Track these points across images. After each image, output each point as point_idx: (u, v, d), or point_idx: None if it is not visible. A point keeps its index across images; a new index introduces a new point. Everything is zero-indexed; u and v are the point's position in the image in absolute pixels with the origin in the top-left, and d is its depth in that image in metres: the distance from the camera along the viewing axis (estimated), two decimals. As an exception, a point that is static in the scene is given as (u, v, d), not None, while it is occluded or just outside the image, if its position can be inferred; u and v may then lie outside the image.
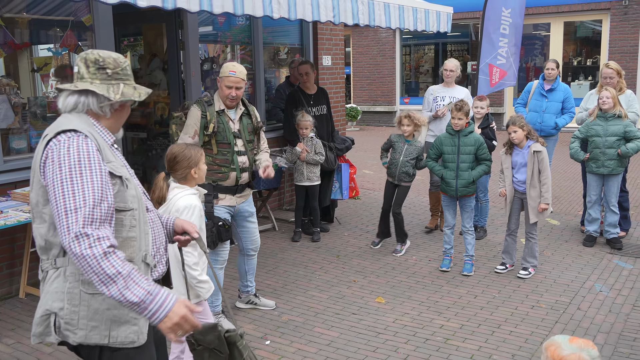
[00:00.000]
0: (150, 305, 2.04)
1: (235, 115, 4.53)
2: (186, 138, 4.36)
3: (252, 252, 4.80)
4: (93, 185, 2.08)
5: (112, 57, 2.32)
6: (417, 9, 6.13)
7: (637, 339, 4.34)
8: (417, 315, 4.80)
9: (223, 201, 4.49)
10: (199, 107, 4.41)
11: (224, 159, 4.45)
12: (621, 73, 6.61)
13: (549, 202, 5.44)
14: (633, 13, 14.49)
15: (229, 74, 4.36)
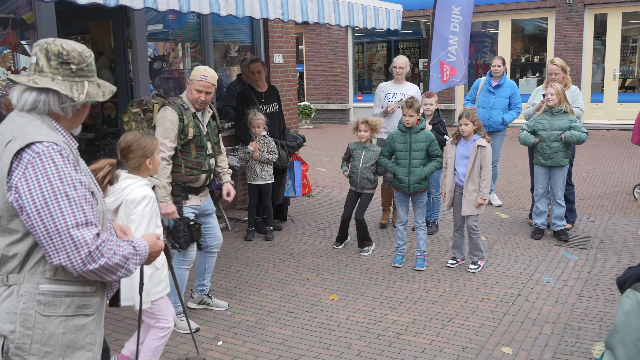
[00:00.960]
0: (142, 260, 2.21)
1: (204, 118, 4.54)
2: (167, 143, 4.30)
3: (215, 248, 4.81)
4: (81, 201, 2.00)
5: (77, 50, 2.13)
6: (367, 7, 6.16)
7: (582, 328, 4.46)
8: (370, 311, 4.83)
9: (189, 201, 4.51)
10: (175, 111, 4.35)
11: (196, 162, 4.47)
12: (566, 69, 6.79)
13: (486, 198, 5.56)
14: (577, 11, 14.91)
15: (200, 78, 4.34)
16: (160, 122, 4.36)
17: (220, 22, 7.65)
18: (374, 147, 6.15)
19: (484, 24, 16.75)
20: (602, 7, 14.88)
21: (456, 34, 7.71)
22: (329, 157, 12.22)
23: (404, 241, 5.87)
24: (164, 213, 4.30)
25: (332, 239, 6.68)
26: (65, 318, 2.08)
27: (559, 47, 15.19)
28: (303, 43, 18.78)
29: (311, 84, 18.86)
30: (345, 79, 18.30)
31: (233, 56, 8.37)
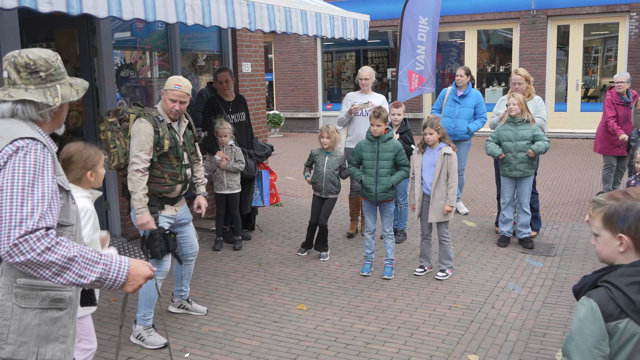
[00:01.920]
0: (110, 275, 2.16)
1: (179, 128, 4.53)
2: (143, 155, 4.29)
3: (192, 257, 4.85)
4: (43, 197, 2.06)
5: (43, 57, 2.24)
6: (334, 17, 6.20)
7: (547, 335, 4.53)
8: (338, 320, 4.83)
9: (164, 211, 4.50)
10: (150, 123, 4.33)
11: (172, 173, 4.47)
12: (529, 79, 6.92)
13: (454, 205, 5.63)
14: (540, 22, 15.23)
15: (174, 87, 4.34)
16: (135, 134, 4.33)
17: (189, 30, 7.62)
18: (336, 152, 6.20)
19: (451, 34, 16.99)
20: (564, 18, 15.23)
21: (423, 44, 7.81)
22: (298, 166, 12.21)
23: (372, 250, 5.90)
24: (139, 224, 4.31)
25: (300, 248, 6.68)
26: (40, 310, 2.19)
27: (523, 57, 15.49)
28: (272, 52, 18.80)
29: (280, 93, 18.87)
30: (314, 87, 18.35)
31: (201, 65, 8.33)
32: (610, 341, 1.98)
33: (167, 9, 4.16)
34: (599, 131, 8.13)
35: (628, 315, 1.97)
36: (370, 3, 16.39)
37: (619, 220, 2.03)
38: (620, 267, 2.04)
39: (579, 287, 2.12)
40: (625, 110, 7.79)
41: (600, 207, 2.09)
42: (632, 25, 14.41)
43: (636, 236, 2.03)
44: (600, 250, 2.12)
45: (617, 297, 1.98)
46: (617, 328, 1.97)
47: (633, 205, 2.03)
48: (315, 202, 6.33)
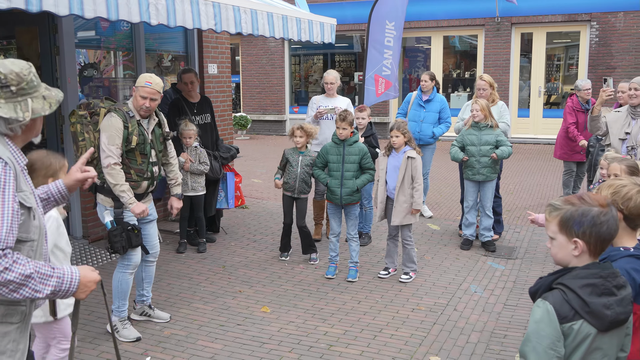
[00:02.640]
0: (63, 287, 2.22)
1: (149, 126, 4.53)
2: (114, 149, 4.30)
3: (152, 258, 4.80)
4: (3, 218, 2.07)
5: (15, 71, 2.20)
6: (301, 20, 6.20)
7: (507, 336, 4.60)
8: (302, 323, 4.82)
9: None
10: (120, 118, 4.33)
11: (139, 169, 4.48)
12: (494, 85, 7.03)
13: (420, 208, 5.67)
14: (504, 30, 15.50)
15: (145, 84, 4.36)
16: (105, 128, 4.35)
17: (154, 30, 7.53)
18: (309, 152, 6.20)
19: (417, 40, 17.17)
20: (527, 26, 15.52)
21: (390, 48, 7.87)
22: (265, 168, 12.19)
23: (336, 253, 5.91)
24: (137, 213, 4.34)
25: (265, 250, 6.65)
26: None
27: (488, 63, 15.74)
28: (239, 53, 18.72)
29: (247, 95, 18.79)
30: (281, 90, 18.34)
31: (166, 65, 8.25)
32: (565, 342, 2.02)
33: (130, 8, 4.11)
34: (559, 137, 8.30)
35: (582, 316, 2.01)
36: (338, 7, 16.46)
37: (575, 225, 2.08)
38: (574, 270, 2.09)
39: (535, 289, 2.17)
40: (585, 116, 7.96)
41: (556, 211, 2.14)
42: (593, 34, 14.77)
43: (590, 240, 2.07)
44: (556, 254, 2.16)
45: (571, 299, 2.02)
46: (572, 329, 2.01)
47: (588, 210, 2.08)
48: (286, 201, 6.31)
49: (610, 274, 2.08)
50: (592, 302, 2.01)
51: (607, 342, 2.06)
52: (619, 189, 2.61)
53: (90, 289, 2.34)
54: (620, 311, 2.04)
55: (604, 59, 14.72)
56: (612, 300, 2.04)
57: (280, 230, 6.44)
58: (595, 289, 2.03)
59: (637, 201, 2.56)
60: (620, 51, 14.56)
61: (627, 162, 3.58)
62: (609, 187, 2.65)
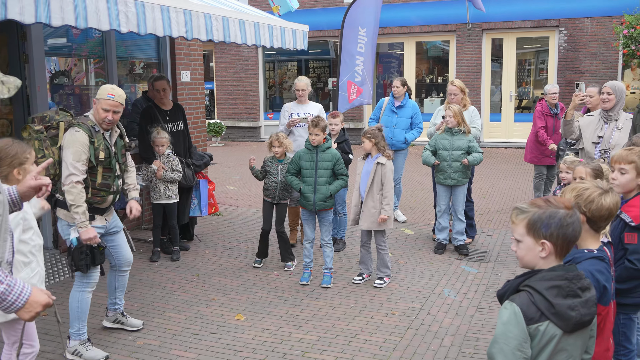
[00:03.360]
0: (10, 297, 2.20)
1: (111, 138, 4.42)
2: (80, 166, 4.15)
3: (125, 267, 4.69)
4: None
5: None
6: (273, 27, 6.21)
7: (480, 339, 4.64)
8: (277, 330, 4.82)
9: (95, 222, 4.36)
10: (85, 133, 4.19)
11: (105, 184, 4.35)
12: (465, 90, 7.11)
13: (389, 215, 5.69)
14: (475, 36, 15.70)
15: (107, 96, 4.21)
16: (70, 144, 4.16)
17: (126, 37, 7.48)
18: (289, 159, 6.22)
19: (390, 45, 17.30)
20: (498, 32, 15.75)
21: (362, 55, 7.92)
22: (239, 175, 12.15)
23: (311, 259, 5.92)
24: (85, 238, 4.16)
25: (240, 258, 6.63)
26: None
27: (460, 68, 15.92)
28: (213, 60, 18.67)
29: (222, 102, 18.74)
30: (256, 96, 18.32)
31: (138, 73, 8.19)
32: (532, 343, 2.06)
33: (99, 16, 4.07)
34: (529, 141, 8.42)
35: (548, 317, 2.05)
36: (312, 14, 16.52)
37: (542, 227, 2.12)
38: (540, 272, 2.13)
39: (503, 291, 2.20)
40: (554, 121, 8.09)
41: (523, 214, 2.18)
42: (561, 40, 15.04)
43: (557, 242, 2.12)
44: (523, 256, 2.20)
45: (537, 300, 2.06)
46: (538, 330, 2.05)
47: (555, 212, 2.12)
48: (266, 207, 6.32)
49: (575, 276, 2.12)
50: (558, 303, 2.05)
51: (572, 344, 2.10)
52: (581, 191, 2.67)
53: (36, 311, 2.28)
54: (584, 312, 2.09)
55: (573, 63, 15.00)
56: (577, 302, 2.08)
57: (255, 237, 6.43)
58: (561, 290, 2.08)
59: (600, 204, 2.62)
60: (588, 56, 14.85)
61: (592, 165, 3.65)
62: (572, 190, 2.71)
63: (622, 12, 13.58)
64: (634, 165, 3.37)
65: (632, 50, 12.50)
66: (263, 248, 6.39)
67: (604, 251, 2.66)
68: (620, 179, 3.38)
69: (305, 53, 17.36)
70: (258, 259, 6.38)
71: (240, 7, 6.31)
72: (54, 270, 6.14)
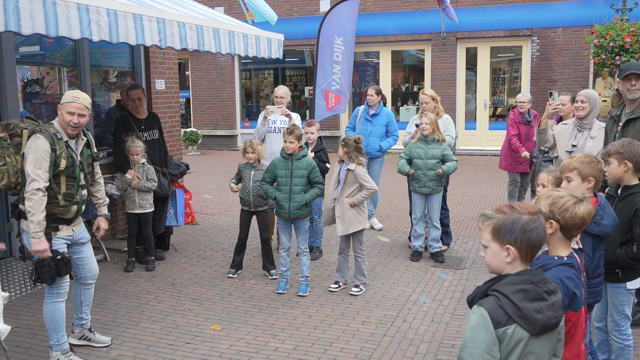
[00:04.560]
0: None
1: (77, 146, 4.32)
2: (41, 173, 4.03)
3: (91, 280, 4.58)
4: None
5: None
6: (248, 35, 6.21)
7: (455, 345, 4.67)
8: (253, 339, 4.80)
9: (60, 232, 4.28)
10: (47, 139, 4.08)
11: (68, 194, 4.24)
12: (437, 99, 7.16)
13: (357, 202, 5.69)
14: (450, 44, 15.87)
15: (72, 99, 4.15)
16: (32, 150, 4.06)
17: (99, 46, 7.43)
18: (262, 165, 6.21)
19: (367, 54, 17.41)
20: (472, 41, 15.94)
21: (339, 63, 7.96)
22: (216, 184, 12.10)
23: (287, 267, 5.91)
24: (34, 250, 4.04)
25: (216, 267, 6.60)
26: None
27: (435, 77, 16.07)
28: (189, 68, 18.60)
29: (198, 110, 18.66)
30: (232, 105, 18.28)
31: (112, 81, 8.14)
32: (500, 347, 2.09)
33: (70, 24, 4.03)
34: (503, 149, 8.52)
35: (515, 321, 2.08)
36: (288, 22, 16.56)
37: (507, 233, 2.16)
38: (507, 277, 2.16)
39: (472, 296, 2.23)
40: (526, 128, 8.21)
41: (488, 220, 2.21)
42: (534, 49, 15.28)
43: (522, 247, 2.15)
44: (490, 262, 2.23)
45: (504, 304, 2.09)
46: (506, 334, 2.08)
47: (519, 218, 2.16)
48: (243, 216, 6.31)
49: (541, 280, 2.16)
50: (524, 306, 2.08)
51: (540, 347, 2.13)
52: (556, 199, 2.71)
53: None
54: (551, 315, 2.12)
55: (545, 72, 15.23)
56: (543, 305, 2.12)
57: (232, 245, 6.39)
58: (527, 294, 2.11)
59: (573, 212, 2.66)
60: (560, 65, 15.10)
61: (554, 173, 3.71)
62: (547, 198, 2.75)
63: (592, 22, 13.84)
64: (576, 171, 3.47)
65: (602, 60, 12.74)
66: (238, 260, 6.36)
67: (574, 258, 2.71)
68: (568, 186, 3.46)
69: (281, 61, 17.41)
70: (232, 270, 6.34)
71: (215, 16, 6.30)
72: (26, 282, 6.04)
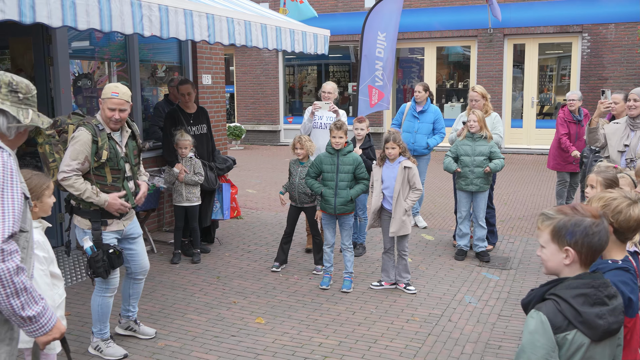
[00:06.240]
0: (41, 320, 2.26)
1: (122, 139, 4.35)
2: (74, 164, 4.10)
3: (141, 275, 4.63)
4: (14, 203, 2.17)
5: (25, 82, 2.44)
6: (295, 31, 6.22)
7: (502, 347, 4.60)
8: (297, 334, 4.81)
9: (110, 227, 4.32)
10: (89, 131, 4.14)
11: (113, 186, 4.28)
12: (486, 96, 7.05)
13: (406, 209, 5.63)
14: (497, 41, 15.60)
15: (111, 95, 4.16)
16: (72, 142, 4.14)
17: (148, 41, 7.55)
18: (309, 162, 6.22)
19: (411, 50, 17.25)
20: (520, 37, 15.63)
21: (381, 60, 7.90)
22: (259, 179, 12.19)
23: (331, 263, 5.91)
24: (115, 210, 4.22)
25: (260, 261, 6.64)
26: None
27: (481, 74, 15.82)
28: (234, 64, 18.76)
29: (242, 105, 18.82)
30: (275, 100, 18.37)
31: (160, 76, 8.26)
32: (560, 352, 2.03)
33: (123, 20, 4.11)
34: (552, 148, 8.33)
35: (575, 326, 2.02)
36: (333, 18, 16.54)
37: (567, 235, 2.09)
38: (566, 280, 2.10)
39: (528, 300, 2.17)
40: (577, 127, 8.01)
41: (549, 220, 2.15)
42: (584, 45, 14.89)
43: (582, 250, 2.09)
44: (547, 262, 2.18)
45: (564, 309, 2.03)
46: (566, 339, 2.02)
47: (581, 220, 2.09)
48: (290, 211, 6.35)
49: (602, 284, 2.09)
50: (585, 311, 2.02)
51: (600, 352, 2.06)
52: (609, 201, 2.62)
53: (54, 337, 2.34)
54: (612, 321, 2.06)
55: (596, 69, 14.83)
56: (605, 310, 2.05)
57: (275, 240, 6.42)
58: (588, 298, 2.05)
59: (627, 215, 2.57)
60: (612, 62, 14.68)
61: (605, 174, 3.57)
62: (600, 200, 2.67)
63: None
64: None
65: (656, 57, 12.33)
66: (282, 254, 6.38)
67: (629, 262, 2.62)
68: None
69: (325, 57, 17.40)
70: (276, 264, 6.37)
71: (262, 12, 6.33)
72: (77, 271, 6.19)
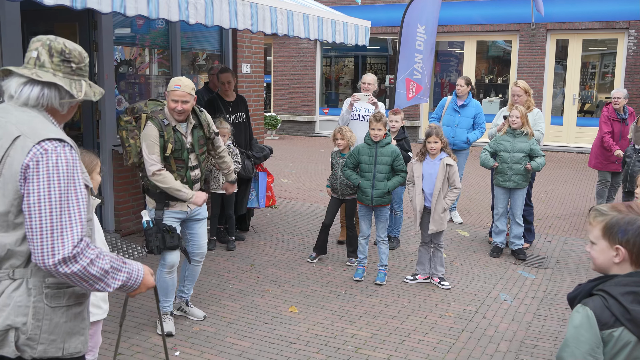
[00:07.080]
0: (128, 283, 2.22)
1: (187, 129, 4.51)
2: (155, 158, 4.34)
3: (198, 257, 4.80)
4: (79, 206, 2.07)
5: (77, 50, 2.22)
6: (336, 22, 6.21)
7: (537, 346, 4.54)
8: (330, 324, 4.82)
9: (174, 207, 4.51)
10: (156, 126, 4.35)
11: (177, 175, 4.47)
12: (529, 92, 6.93)
13: (446, 208, 5.61)
14: (540, 36, 15.31)
15: (174, 87, 4.33)
16: (144, 137, 4.40)
17: (189, 29, 7.61)
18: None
19: (450, 44, 17.06)
20: (563, 33, 15.31)
21: (421, 52, 7.81)
22: (294, 169, 12.23)
23: (365, 255, 5.90)
24: (200, 204, 4.52)
25: (294, 251, 6.67)
26: (67, 308, 2.20)
27: (521, 69, 15.56)
28: (271, 54, 18.81)
29: (278, 95, 18.88)
30: (312, 91, 18.37)
31: (201, 64, 8.33)
32: (605, 349, 2.00)
33: (170, 7, 4.16)
34: (594, 146, 8.16)
35: (622, 324, 1.98)
36: (371, 10, 16.44)
37: (619, 232, 2.06)
38: (616, 277, 2.06)
39: (574, 294, 2.14)
40: (621, 126, 7.82)
41: (601, 216, 2.12)
42: (631, 42, 14.51)
43: (633, 250, 2.04)
44: (596, 258, 2.14)
45: (612, 305, 1.99)
46: (612, 336, 1.99)
47: (635, 219, 2.05)
48: (331, 202, 6.34)
49: (653, 284, 2.04)
50: (634, 309, 1.98)
51: (646, 353, 2.02)
52: None
53: (141, 291, 2.33)
54: (661, 321, 2.01)
55: (642, 67, 14.45)
56: (654, 309, 2.00)
57: (309, 230, 6.43)
58: (637, 297, 2.00)
59: None
60: (659, 60, 14.28)
61: None
62: None
63: (697, 15, 13.00)
64: None
65: None
66: (321, 243, 6.39)
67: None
68: None
69: (363, 49, 17.31)
70: (313, 254, 6.38)
71: (303, 2, 6.33)
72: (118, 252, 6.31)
